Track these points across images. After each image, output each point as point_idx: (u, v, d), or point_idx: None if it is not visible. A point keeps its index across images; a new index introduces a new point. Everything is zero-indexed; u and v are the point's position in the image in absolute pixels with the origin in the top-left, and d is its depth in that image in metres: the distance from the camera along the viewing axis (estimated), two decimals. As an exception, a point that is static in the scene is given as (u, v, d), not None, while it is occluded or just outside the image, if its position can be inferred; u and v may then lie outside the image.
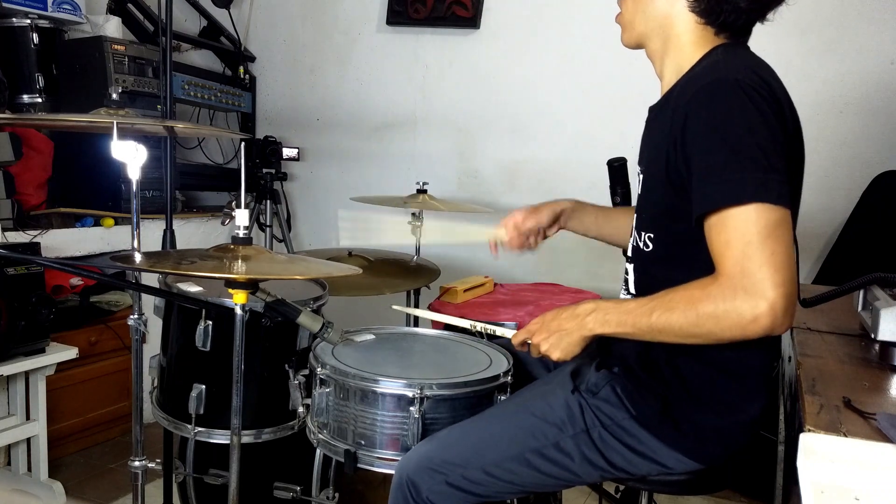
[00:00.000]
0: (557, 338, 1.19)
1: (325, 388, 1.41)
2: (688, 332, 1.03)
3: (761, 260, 0.96)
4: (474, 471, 1.21)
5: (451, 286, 2.25)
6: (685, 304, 1.03)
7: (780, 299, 0.95)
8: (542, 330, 1.22)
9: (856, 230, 2.53)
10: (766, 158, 0.99)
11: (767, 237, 0.96)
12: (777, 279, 0.95)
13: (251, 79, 3.55)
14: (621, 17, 1.29)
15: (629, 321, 1.10)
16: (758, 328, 0.97)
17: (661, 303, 1.06)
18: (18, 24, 2.64)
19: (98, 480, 2.44)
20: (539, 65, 3.06)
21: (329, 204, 3.54)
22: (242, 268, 1.24)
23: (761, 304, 0.95)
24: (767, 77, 1.08)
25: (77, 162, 2.73)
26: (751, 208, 0.97)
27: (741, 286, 0.97)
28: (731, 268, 0.98)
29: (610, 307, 1.14)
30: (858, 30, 2.57)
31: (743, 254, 0.97)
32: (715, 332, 1.01)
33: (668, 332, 1.06)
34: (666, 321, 1.05)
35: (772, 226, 0.97)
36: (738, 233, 0.98)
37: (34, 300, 2.13)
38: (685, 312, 1.03)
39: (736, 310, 0.97)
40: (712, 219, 1.01)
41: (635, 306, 1.10)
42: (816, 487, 0.74)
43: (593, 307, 1.16)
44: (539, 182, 3.10)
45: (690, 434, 1.16)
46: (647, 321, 1.07)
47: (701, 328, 1.01)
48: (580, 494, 2.37)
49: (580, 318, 1.16)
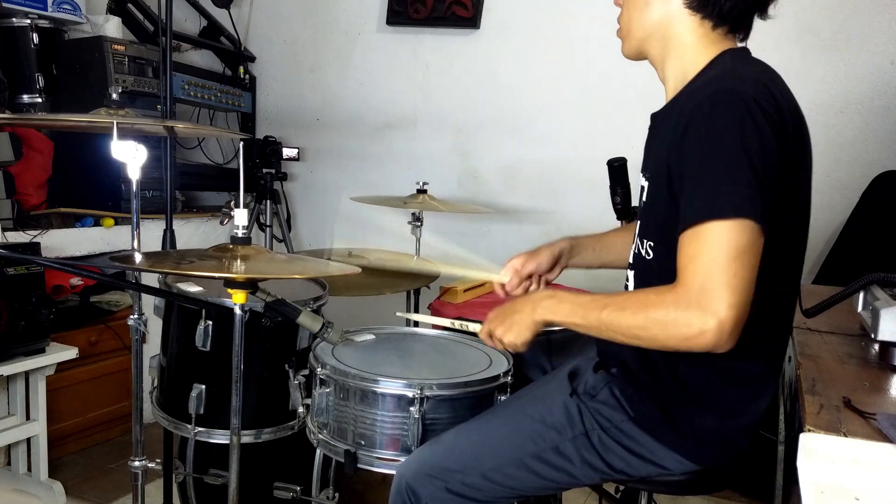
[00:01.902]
0: (511, 321, 1.19)
1: (325, 388, 1.41)
2: (633, 332, 1.04)
3: (722, 280, 0.96)
4: (474, 476, 1.21)
5: (451, 286, 2.25)
6: (638, 306, 1.04)
7: (729, 321, 0.96)
8: (499, 316, 1.23)
9: (856, 230, 2.53)
10: (755, 178, 0.98)
11: (735, 259, 0.96)
12: (732, 300, 0.96)
13: (251, 79, 3.55)
14: (620, 31, 1.29)
15: (580, 312, 1.11)
16: (702, 342, 0.98)
17: (616, 301, 1.07)
18: (18, 24, 2.64)
19: (98, 480, 2.44)
20: (539, 65, 3.06)
21: (329, 204, 3.54)
22: (241, 268, 1.24)
23: (710, 320, 0.96)
24: (773, 88, 1.07)
25: (77, 162, 2.73)
26: (727, 225, 0.97)
27: (696, 300, 0.97)
28: (691, 281, 0.98)
29: (565, 297, 1.15)
30: (858, 30, 2.57)
31: (707, 270, 0.97)
32: (659, 338, 1.02)
33: (614, 330, 1.06)
34: (615, 319, 1.06)
35: (742, 247, 0.97)
36: (706, 248, 0.98)
37: (34, 300, 2.13)
38: (635, 314, 1.04)
39: (686, 321, 0.98)
40: (689, 231, 1.01)
41: (590, 300, 1.11)
42: (816, 487, 0.74)
43: (549, 294, 1.17)
44: (539, 182, 3.10)
45: (689, 436, 1.16)
46: (597, 315, 1.08)
47: (647, 332, 1.02)
48: (580, 494, 2.37)
49: (534, 303, 1.17)
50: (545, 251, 1.51)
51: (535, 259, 1.50)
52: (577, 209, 3.00)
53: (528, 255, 1.51)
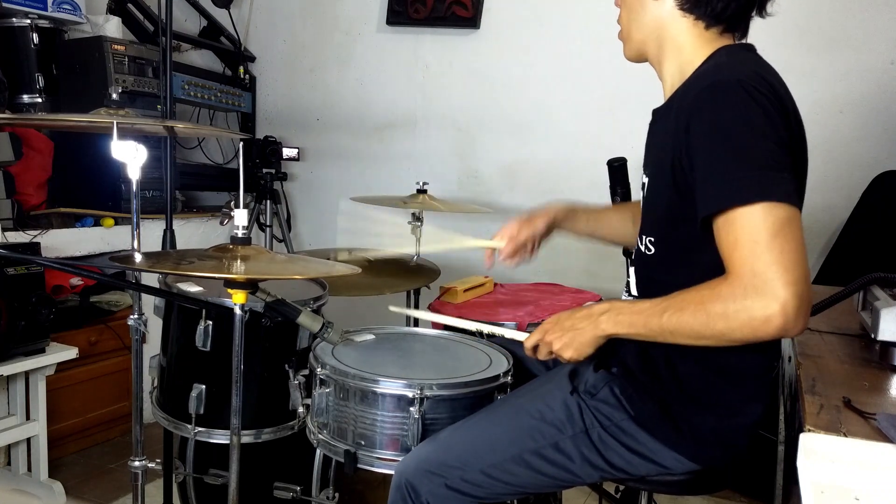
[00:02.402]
0: (571, 337, 1.18)
1: (325, 389, 1.41)
2: (699, 332, 1.02)
3: (770, 259, 0.94)
4: (473, 473, 1.21)
5: (451, 286, 2.25)
6: (696, 304, 1.02)
7: (791, 299, 0.92)
8: (555, 329, 1.21)
9: (856, 230, 2.53)
10: (771, 157, 0.98)
11: (776, 236, 0.94)
12: (787, 278, 0.93)
13: (251, 79, 3.55)
14: (621, 32, 1.30)
15: (640, 321, 1.09)
16: (770, 329, 0.95)
17: (673, 303, 1.05)
18: (18, 24, 2.64)
19: (98, 480, 2.44)
20: (539, 65, 3.06)
21: (329, 204, 3.54)
22: (241, 268, 1.24)
23: (772, 304, 0.93)
24: (770, 78, 1.07)
25: (77, 162, 2.73)
26: (757, 207, 0.96)
27: (751, 286, 0.95)
28: (741, 268, 0.96)
29: (623, 307, 1.13)
30: (858, 29, 2.57)
31: (752, 253, 0.95)
32: (726, 332, 0.99)
33: (679, 333, 1.04)
34: (677, 321, 1.03)
35: (780, 224, 0.95)
36: (745, 232, 0.96)
37: (34, 300, 2.13)
38: (695, 313, 1.01)
39: (746, 310, 0.95)
40: (720, 220, 1.00)
41: (647, 307, 1.09)
42: (816, 487, 0.74)
43: (607, 307, 1.15)
44: (539, 182, 3.10)
45: (689, 435, 1.16)
46: (658, 321, 1.06)
47: (712, 329, 1.00)
48: (580, 494, 2.37)
49: (594, 318, 1.15)
50: (541, 216, 1.50)
51: (531, 225, 1.50)
52: (577, 209, 3.00)
53: (522, 220, 1.50)
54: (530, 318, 1.98)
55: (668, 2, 1.18)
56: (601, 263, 2.87)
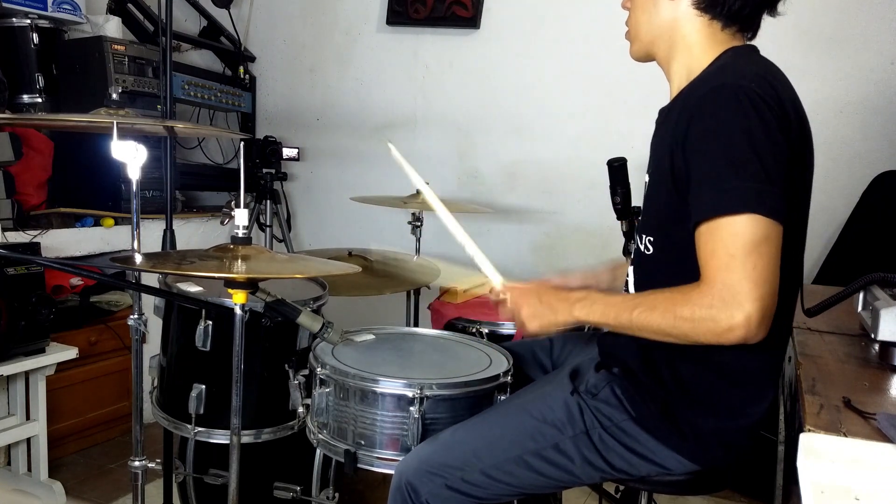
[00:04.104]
0: (542, 312, 1.20)
1: (324, 388, 1.41)
2: (664, 331, 1.06)
3: (743, 273, 0.97)
4: (473, 473, 1.21)
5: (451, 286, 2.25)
6: (666, 305, 1.05)
7: (755, 312, 0.97)
8: (530, 297, 1.23)
9: (856, 230, 2.53)
10: (764, 170, 0.99)
11: (752, 251, 0.97)
12: (756, 293, 0.97)
13: (251, 79, 3.55)
14: (628, 32, 1.29)
15: (612, 314, 1.12)
16: (732, 337, 0.99)
17: (646, 301, 1.09)
18: (18, 24, 2.64)
19: (98, 480, 2.44)
20: (539, 65, 3.06)
21: (329, 204, 3.54)
22: (242, 268, 1.24)
23: (737, 315, 0.97)
24: (775, 83, 1.07)
25: (77, 162, 2.73)
26: (741, 219, 0.98)
27: (720, 297, 0.98)
28: (713, 277, 1.00)
29: (598, 298, 1.16)
30: (858, 30, 2.57)
31: (726, 265, 0.98)
32: (690, 335, 1.03)
33: (646, 330, 1.08)
34: (645, 319, 1.07)
35: (759, 240, 0.98)
36: (723, 243, 0.99)
37: (34, 300, 2.13)
38: (664, 313, 1.05)
39: (712, 318, 0.99)
40: (703, 226, 1.02)
41: (620, 301, 1.13)
42: (816, 487, 0.74)
43: (584, 295, 1.18)
44: (539, 182, 3.10)
45: (690, 436, 1.16)
46: (629, 316, 1.09)
47: (677, 329, 1.04)
48: (580, 494, 2.37)
49: (570, 302, 1.18)
50: (579, 277, 1.51)
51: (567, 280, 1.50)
52: (577, 209, 3.00)
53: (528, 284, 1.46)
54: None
55: (685, 1, 1.17)
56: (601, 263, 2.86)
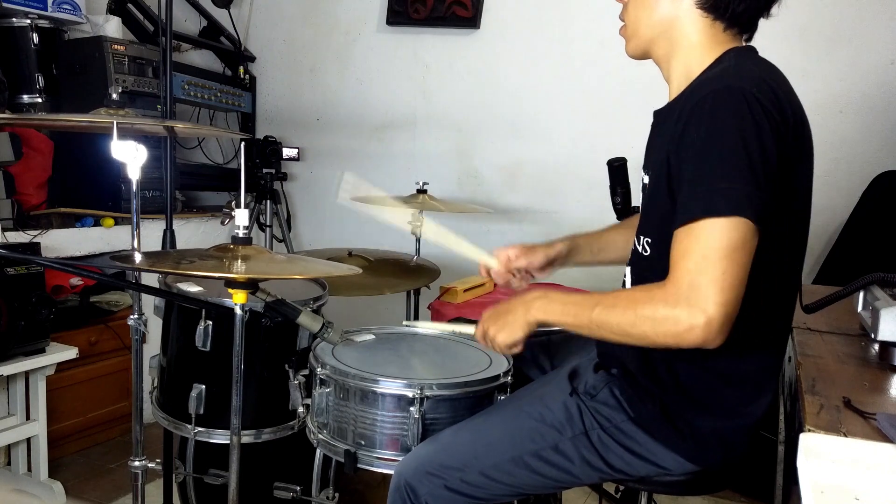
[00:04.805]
0: (503, 321, 1.21)
1: (325, 388, 1.41)
2: (624, 330, 1.05)
3: (712, 277, 0.96)
4: (473, 474, 1.21)
5: (451, 286, 2.25)
6: (627, 303, 1.05)
7: (718, 317, 0.96)
8: (492, 316, 1.24)
9: (856, 230, 2.53)
10: (752, 175, 0.98)
11: (725, 257, 0.96)
12: (721, 298, 0.96)
13: (251, 79, 3.55)
14: (625, 29, 1.27)
15: (571, 312, 1.12)
16: (691, 339, 0.98)
17: (606, 299, 1.08)
18: (18, 24, 2.64)
19: (98, 480, 2.44)
20: (539, 65, 3.06)
21: (329, 204, 3.54)
22: (242, 268, 1.24)
23: (699, 317, 0.96)
24: (776, 86, 1.06)
25: (77, 162, 2.73)
26: (722, 222, 0.97)
27: (685, 296, 0.98)
28: (681, 278, 0.99)
29: (556, 297, 1.16)
30: (858, 29, 2.57)
31: (696, 267, 0.97)
32: (649, 335, 1.02)
33: (605, 328, 1.07)
34: (605, 317, 1.06)
35: (735, 245, 0.97)
36: (699, 245, 0.98)
37: (34, 300, 2.13)
38: (625, 312, 1.04)
39: (674, 317, 0.98)
40: (683, 227, 1.01)
41: (580, 299, 1.12)
42: (816, 487, 0.74)
43: (541, 294, 1.18)
44: (539, 182, 3.10)
45: (689, 437, 1.16)
46: (588, 314, 1.08)
47: (637, 328, 1.03)
48: (580, 494, 2.37)
49: (526, 304, 1.18)
50: (541, 251, 1.50)
51: (530, 256, 1.50)
52: (577, 209, 3.00)
53: (524, 249, 1.50)
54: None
55: (687, 0, 1.16)
56: (601, 263, 2.86)
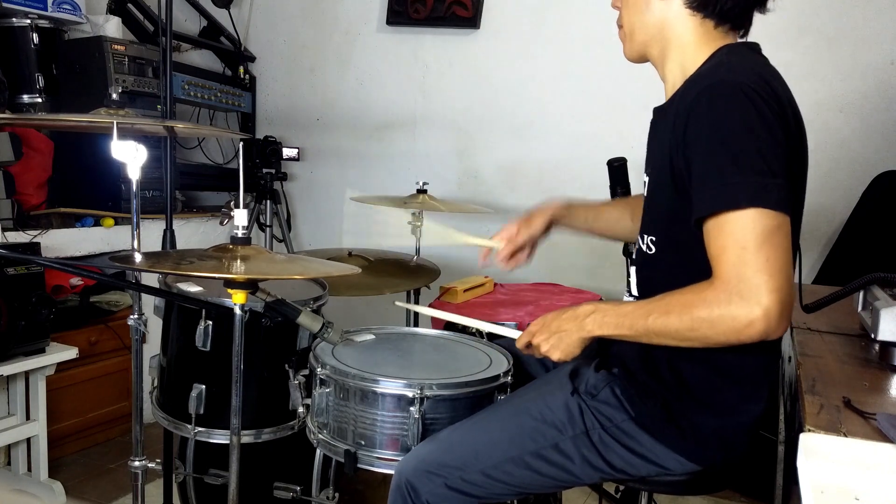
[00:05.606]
0: (557, 338, 1.20)
1: (325, 388, 1.41)
2: (683, 335, 1.04)
3: (757, 266, 0.96)
4: (473, 473, 1.21)
5: (451, 286, 2.25)
6: (681, 307, 1.03)
7: (774, 305, 0.95)
8: (542, 331, 1.23)
9: (856, 230, 2.53)
10: (765, 163, 0.99)
11: (764, 243, 0.96)
12: (772, 285, 0.95)
13: (251, 79, 3.55)
14: (622, 33, 1.29)
15: (626, 323, 1.10)
16: (753, 333, 0.97)
17: (658, 306, 1.07)
18: (18, 24, 2.64)
19: (98, 480, 2.44)
20: (539, 65, 3.06)
21: (329, 204, 3.54)
22: (241, 268, 1.24)
23: (756, 309, 0.95)
24: (771, 80, 1.07)
25: (77, 162, 2.73)
26: (748, 213, 0.97)
27: (736, 291, 0.97)
28: (727, 273, 0.98)
29: (608, 309, 1.15)
30: (858, 30, 2.57)
31: (739, 259, 0.97)
32: (710, 336, 1.01)
33: (664, 335, 1.06)
34: (662, 324, 1.05)
35: (769, 231, 0.97)
36: (734, 238, 0.98)
37: (34, 300, 2.13)
38: (681, 316, 1.03)
39: (731, 314, 0.97)
40: (710, 223, 1.01)
41: (633, 309, 1.11)
42: (816, 487, 0.74)
43: (592, 309, 1.16)
44: (539, 182, 3.10)
45: (690, 436, 1.16)
46: (644, 324, 1.07)
47: (696, 332, 1.02)
48: (580, 494, 2.37)
49: (579, 320, 1.17)
50: (539, 216, 1.51)
51: (530, 226, 1.51)
52: (577, 209, 3.00)
53: (522, 221, 1.52)
54: (530, 317, 1.98)
55: (676, 1, 1.17)
56: (601, 263, 2.87)
